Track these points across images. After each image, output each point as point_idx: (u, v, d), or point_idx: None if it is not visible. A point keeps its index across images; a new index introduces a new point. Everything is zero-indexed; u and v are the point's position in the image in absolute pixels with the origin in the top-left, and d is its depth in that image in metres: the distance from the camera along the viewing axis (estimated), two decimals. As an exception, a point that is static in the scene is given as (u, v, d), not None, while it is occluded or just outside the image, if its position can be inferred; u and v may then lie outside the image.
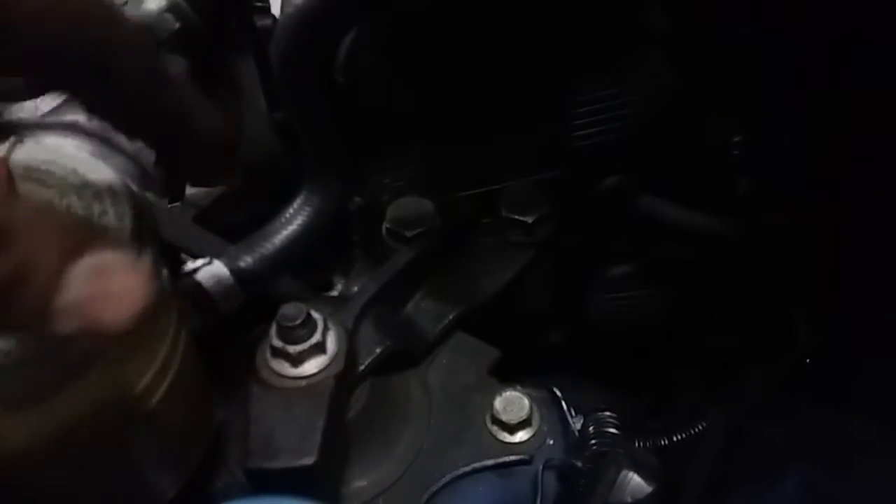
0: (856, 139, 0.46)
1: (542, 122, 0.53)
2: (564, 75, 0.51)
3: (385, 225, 0.51)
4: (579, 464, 0.42)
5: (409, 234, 0.49)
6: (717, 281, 0.56)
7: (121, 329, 0.24)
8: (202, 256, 0.47)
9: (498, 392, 0.44)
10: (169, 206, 0.58)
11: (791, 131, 0.50)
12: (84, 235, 0.24)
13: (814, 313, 0.51)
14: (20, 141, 0.35)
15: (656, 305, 0.58)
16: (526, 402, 0.44)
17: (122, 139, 0.37)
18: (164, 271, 0.35)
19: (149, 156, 0.39)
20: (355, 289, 0.48)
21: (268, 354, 0.40)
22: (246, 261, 0.46)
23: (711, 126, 0.53)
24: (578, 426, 0.44)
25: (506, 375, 0.47)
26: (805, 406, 0.48)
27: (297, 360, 0.39)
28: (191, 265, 0.46)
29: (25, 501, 0.31)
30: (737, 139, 0.51)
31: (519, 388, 0.45)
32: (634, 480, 0.41)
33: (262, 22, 0.49)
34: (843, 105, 0.46)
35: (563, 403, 0.45)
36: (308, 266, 0.52)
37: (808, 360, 0.50)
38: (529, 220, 0.52)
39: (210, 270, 0.45)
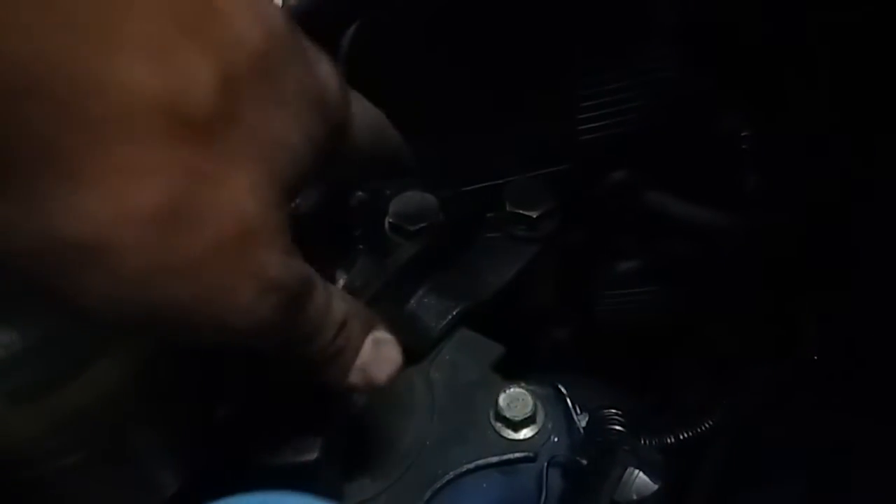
0: (866, 135, 0.46)
1: (547, 116, 0.52)
2: (570, 68, 0.50)
3: (388, 219, 0.50)
4: (584, 461, 0.42)
5: (412, 228, 0.49)
6: (723, 278, 0.56)
7: (385, 384, 0.34)
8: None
9: (502, 389, 0.44)
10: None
11: (800, 127, 0.49)
12: (372, 319, 0.34)
13: (821, 312, 0.50)
14: None
15: (662, 302, 0.58)
16: (530, 398, 0.43)
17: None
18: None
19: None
20: (358, 284, 0.47)
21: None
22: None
23: (719, 121, 0.52)
24: (583, 423, 0.44)
25: (510, 372, 0.46)
26: (811, 406, 0.48)
27: (299, 356, 0.38)
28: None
29: (28, 494, 0.31)
30: (745, 134, 0.51)
31: (523, 384, 0.44)
32: (640, 478, 0.41)
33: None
34: (854, 100, 0.45)
35: (568, 400, 0.45)
36: (311, 261, 0.52)
37: (814, 359, 0.50)
38: (534, 214, 0.51)
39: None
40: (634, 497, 0.40)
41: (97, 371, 0.29)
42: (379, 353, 0.34)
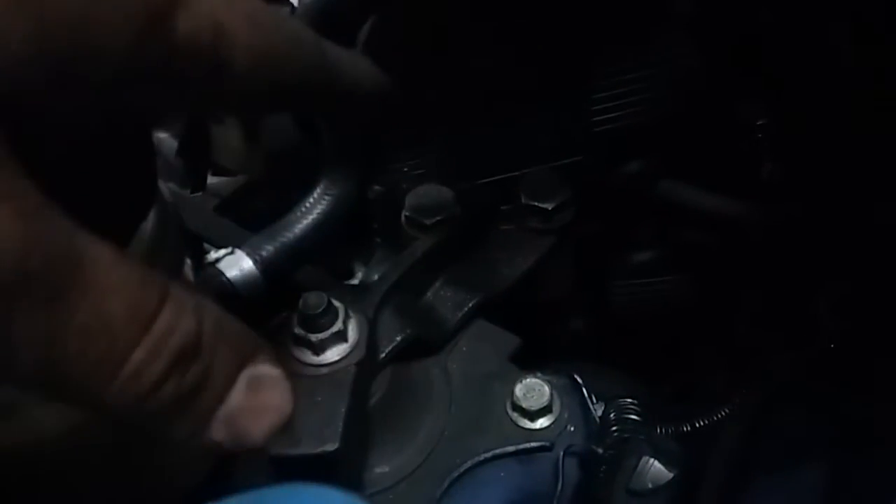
0: (885, 121, 0.45)
1: (563, 106, 0.52)
2: (586, 59, 0.50)
3: (404, 213, 0.51)
4: (600, 450, 0.42)
5: (428, 221, 0.49)
6: (740, 267, 0.55)
7: (259, 443, 0.25)
8: (224, 246, 0.47)
9: (518, 379, 0.44)
10: (191, 196, 0.59)
11: (817, 115, 0.49)
12: (250, 347, 0.25)
13: (838, 300, 0.50)
14: None
15: (679, 292, 0.58)
16: (546, 388, 0.44)
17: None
18: (187, 261, 0.35)
19: (170, 146, 0.39)
20: (376, 277, 0.48)
21: (289, 343, 0.40)
22: (267, 250, 0.47)
23: (735, 110, 0.52)
24: (599, 413, 0.44)
25: (526, 362, 0.47)
26: (829, 394, 0.48)
27: (318, 349, 0.39)
28: (213, 255, 0.46)
29: (51, 490, 0.32)
30: (761, 123, 0.51)
31: (539, 375, 0.44)
32: (655, 467, 0.41)
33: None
34: (873, 87, 0.45)
35: (584, 390, 0.45)
36: (329, 254, 0.52)
37: (832, 347, 0.50)
38: (549, 206, 0.51)
39: (232, 260, 0.46)
40: (650, 485, 0.41)
41: None
42: (256, 399, 0.25)
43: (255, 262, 0.46)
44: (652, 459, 0.41)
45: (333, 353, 0.39)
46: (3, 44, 0.19)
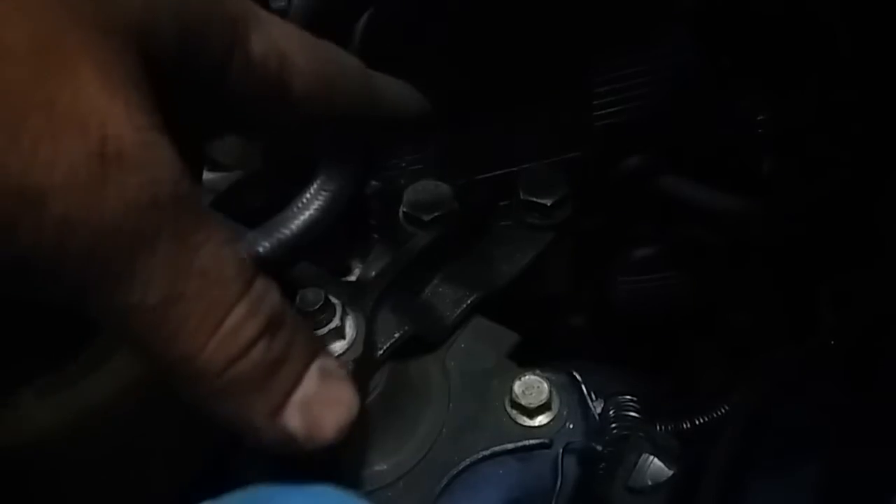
0: (885, 115, 0.45)
1: (562, 102, 0.52)
2: (585, 54, 0.50)
3: (402, 209, 0.50)
4: (599, 447, 0.42)
5: (426, 217, 0.49)
6: (740, 262, 0.55)
7: (330, 438, 0.25)
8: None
9: (517, 376, 0.44)
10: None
11: (817, 109, 0.49)
12: (317, 340, 0.27)
13: (838, 295, 0.50)
14: None
15: (679, 288, 0.57)
16: (545, 385, 0.43)
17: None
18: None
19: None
20: (373, 273, 0.48)
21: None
22: (264, 246, 0.46)
23: (735, 104, 0.52)
24: (599, 410, 0.44)
25: (525, 359, 0.47)
26: (829, 390, 0.48)
27: (315, 345, 0.39)
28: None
29: (49, 485, 0.32)
30: (761, 118, 0.50)
31: (538, 371, 0.44)
32: (655, 464, 0.41)
33: (277, 4, 0.49)
34: (873, 82, 0.44)
35: (583, 387, 0.45)
36: (326, 251, 0.52)
37: (832, 343, 0.49)
38: (548, 202, 0.51)
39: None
40: (649, 482, 0.40)
41: (115, 365, 0.30)
42: (327, 389, 0.26)
43: (251, 257, 0.45)
44: (651, 456, 0.41)
45: (331, 350, 0.39)
46: None
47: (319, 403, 0.25)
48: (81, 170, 0.20)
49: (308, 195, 0.49)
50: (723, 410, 0.47)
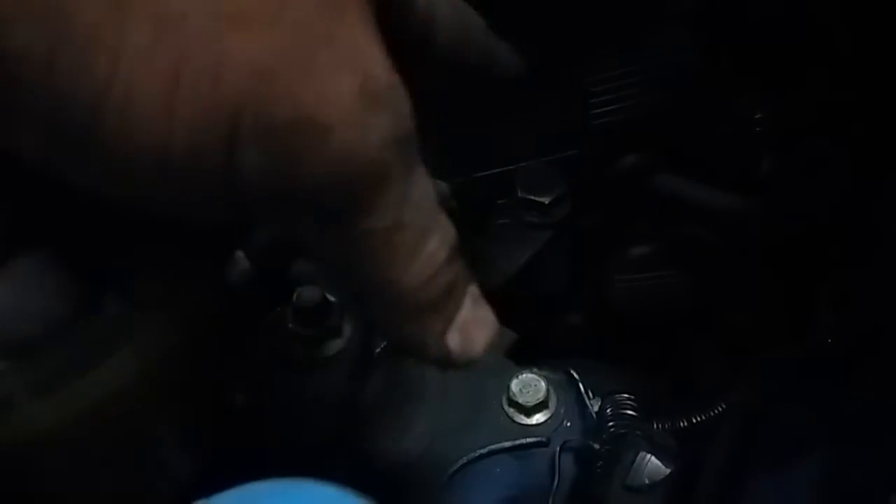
0: (884, 114, 0.45)
1: (560, 100, 0.52)
2: (583, 52, 0.50)
3: (400, 207, 0.50)
4: (597, 446, 0.42)
5: (424, 215, 0.49)
6: (738, 262, 0.55)
7: (478, 354, 0.28)
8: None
9: (514, 374, 0.44)
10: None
11: (817, 109, 0.49)
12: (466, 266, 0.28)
13: (837, 295, 0.50)
14: None
15: (677, 287, 0.57)
16: (543, 384, 0.43)
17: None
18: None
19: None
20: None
21: (284, 337, 0.40)
22: (262, 244, 0.46)
23: (734, 103, 0.52)
24: (596, 408, 0.44)
25: (522, 357, 0.46)
26: (827, 389, 0.48)
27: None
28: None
29: (46, 486, 0.32)
30: (759, 116, 0.50)
31: (535, 370, 0.44)
32: (652, 462, 0.41)
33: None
34: (872, 80, 0.44)
35: (581, 385, 0.45)
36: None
37: (830, 342, 0.49)
38: (546, 200, 0.51)
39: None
40: (647, 481, 0.40)
41: (115, 362, 0.30)
42: (477, 312, 0.28)
43: (249, 256, 0.45)
44: (649, 455, 0.41)
45: (328, 349, 0.39)
46: None
47: (473, 323, 0.27)
48: (355, 105, 0.22)
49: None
50: (720, 409, 0.47)
